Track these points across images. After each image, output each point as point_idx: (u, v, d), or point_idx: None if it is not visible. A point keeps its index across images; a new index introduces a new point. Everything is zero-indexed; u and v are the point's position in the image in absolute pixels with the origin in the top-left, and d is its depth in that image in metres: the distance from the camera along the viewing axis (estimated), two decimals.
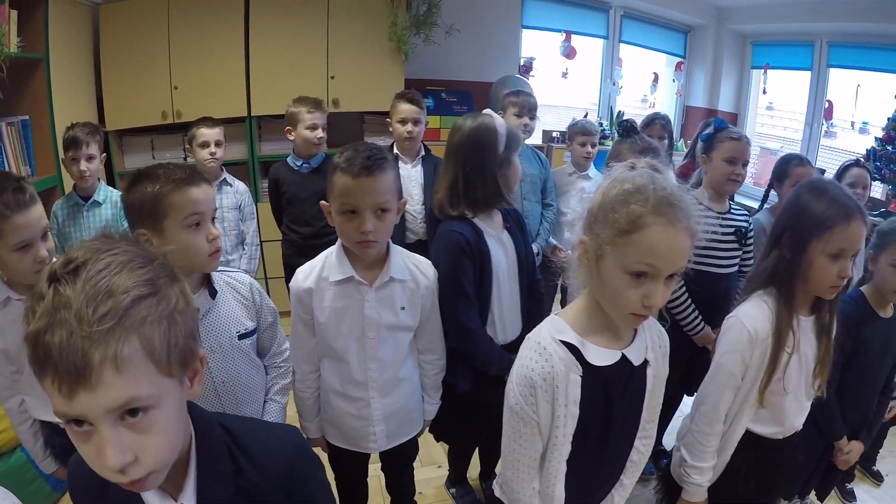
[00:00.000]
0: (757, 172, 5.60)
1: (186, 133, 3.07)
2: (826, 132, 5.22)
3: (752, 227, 2.47)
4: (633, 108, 5.85)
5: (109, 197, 2.73)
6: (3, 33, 2.70)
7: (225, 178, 3.04)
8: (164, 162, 1.52)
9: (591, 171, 3.42)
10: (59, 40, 3.19)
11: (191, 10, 3.66)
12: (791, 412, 1.63)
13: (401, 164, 3.00)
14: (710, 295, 2.39)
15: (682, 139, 5.66)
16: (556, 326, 1.19)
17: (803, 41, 5.25)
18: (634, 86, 5.89)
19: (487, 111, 1.98)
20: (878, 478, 2.97)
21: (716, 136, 2.33)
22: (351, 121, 4.33)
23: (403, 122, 2.97)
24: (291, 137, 2.98)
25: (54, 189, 3.16)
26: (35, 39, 3.08)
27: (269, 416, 1.64)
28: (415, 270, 1.72)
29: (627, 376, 1.22)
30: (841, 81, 4.97)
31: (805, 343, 1.55)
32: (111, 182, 3.70)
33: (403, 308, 1.69)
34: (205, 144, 2.91)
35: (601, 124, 5.26)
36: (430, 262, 1.80)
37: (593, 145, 3.36)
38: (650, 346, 1.26)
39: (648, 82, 5.95)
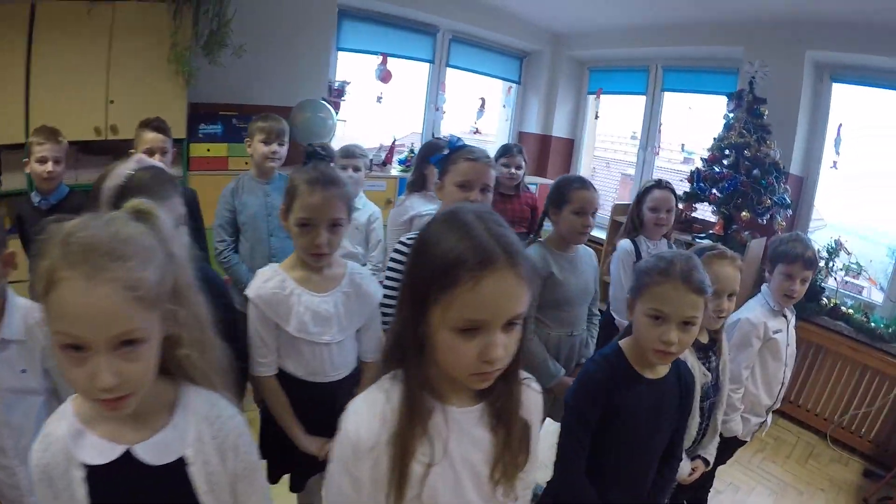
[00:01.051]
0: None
1: None
2: (686, 159, 5.00)
3: None
4: (461, 134, 5.40)
5: None
6: None
7: None
8: None
9: (360, 200, 2.98)
10: None
11: None
12: None
13: None
14: None
15: None
16: (59, 411, 0.96)
17: (639, 67, 5.04)
18: (465, 111, 5.48)
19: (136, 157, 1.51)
20: None
21: (449, 157, 1.85)
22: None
23: (150, 152, 2.61)
24: (28, 171, 2.70)
25: None
26: None
27: None
28: (35, 329, 1.45)
29: (143, 476, 0.92)
30: (673, 105, 4.75)
31: (464, 444, 1.00)
32: None
33: (24, 371, 1.45)
34: None
35: (412, 151, 4.85)
36: None
37: (356, 169, 2.99)
38: (198, 438, 0.96)
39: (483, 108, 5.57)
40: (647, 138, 4.85)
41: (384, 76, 4.71)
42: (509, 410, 1.02)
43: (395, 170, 4.73)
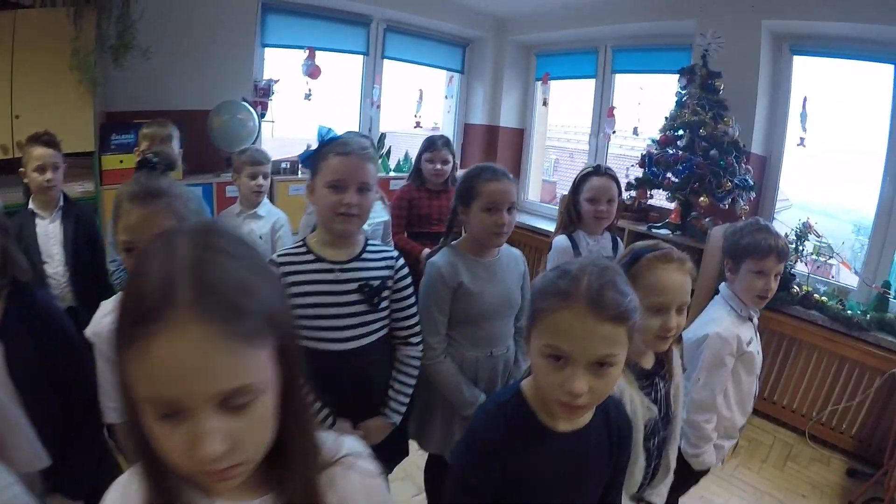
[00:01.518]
0: None
1: None
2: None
3: (399, 276, 1.68)
4: (401, 129, 5.12)
5: None
6: None
7: None
8: None
9: (264, 207, 2.83)
10: None
11: None
12: None
13: (38, 220, 2.52)
14: (338, 380, 1.54)
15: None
16: None
17: (588, 49, 4.73)
18: (405, 105, 5.13)
19: None
20: None
21: (319, 153, 1.53)
22: None
23: (41, 169, 2.47)
24: None
25: None
26: None
27: None
28: None
29: None
30: (624, 86, 4.45)
31: None
32: None
33: None
34: None
35: None
36: None
37: (265, 176, 2.81)
38: None
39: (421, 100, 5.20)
40: (599, 124, 4.54)
41: (312, 72, 4.34)
42: (308, 501, 0.72)
43: None
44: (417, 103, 5.05)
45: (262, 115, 4.36)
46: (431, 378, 1.83)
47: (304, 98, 4.37)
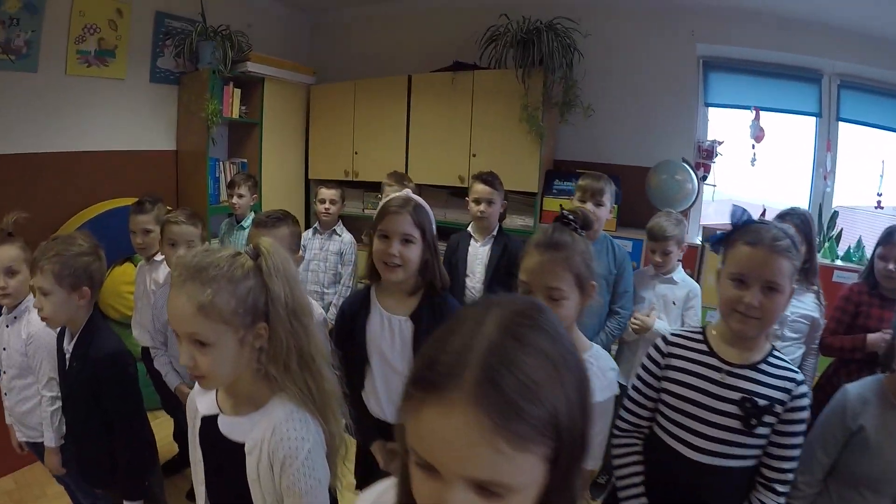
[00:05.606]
0: None
1: (364, 189, 4.76)
2: None
3: (795, 406, 1.45)
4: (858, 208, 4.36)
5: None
6: (216, 108, 4.31)
7: (335, 229, 3.79)
8: None
9: (678, 273, 2.89)
10: (271, 110, 4.77)
11: (370, 94, 4.75)
12: None
13: (472, 241, 3.14)
14: (673, 486, 1.53)
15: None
16: None
17: None
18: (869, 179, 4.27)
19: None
20: None
21: (729, 238, 1.47)
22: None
23: (477, 201, 3.07)
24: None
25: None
26: (254, 109, 4.72)
27: None
28: None
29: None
30: None
31: None
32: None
33: None
34: (322, 201, 3.76)
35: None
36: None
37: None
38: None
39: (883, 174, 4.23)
40: None
41: (758, 135, 4.12)
42: None
43: None
44: (879, 177, 4.19)
45: (703, 178, 4.27)
46: None
47: (750, 163, 4.15)
